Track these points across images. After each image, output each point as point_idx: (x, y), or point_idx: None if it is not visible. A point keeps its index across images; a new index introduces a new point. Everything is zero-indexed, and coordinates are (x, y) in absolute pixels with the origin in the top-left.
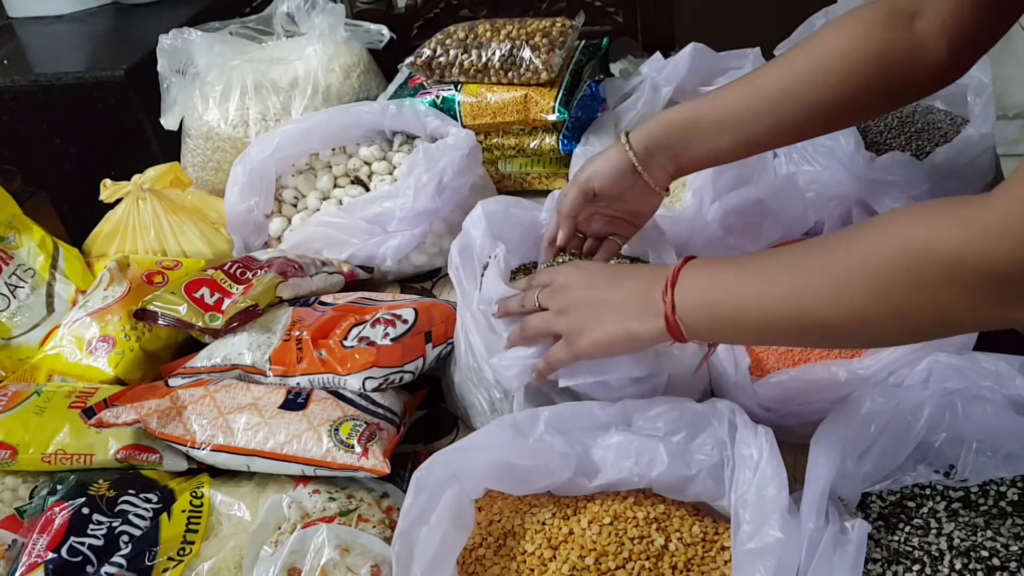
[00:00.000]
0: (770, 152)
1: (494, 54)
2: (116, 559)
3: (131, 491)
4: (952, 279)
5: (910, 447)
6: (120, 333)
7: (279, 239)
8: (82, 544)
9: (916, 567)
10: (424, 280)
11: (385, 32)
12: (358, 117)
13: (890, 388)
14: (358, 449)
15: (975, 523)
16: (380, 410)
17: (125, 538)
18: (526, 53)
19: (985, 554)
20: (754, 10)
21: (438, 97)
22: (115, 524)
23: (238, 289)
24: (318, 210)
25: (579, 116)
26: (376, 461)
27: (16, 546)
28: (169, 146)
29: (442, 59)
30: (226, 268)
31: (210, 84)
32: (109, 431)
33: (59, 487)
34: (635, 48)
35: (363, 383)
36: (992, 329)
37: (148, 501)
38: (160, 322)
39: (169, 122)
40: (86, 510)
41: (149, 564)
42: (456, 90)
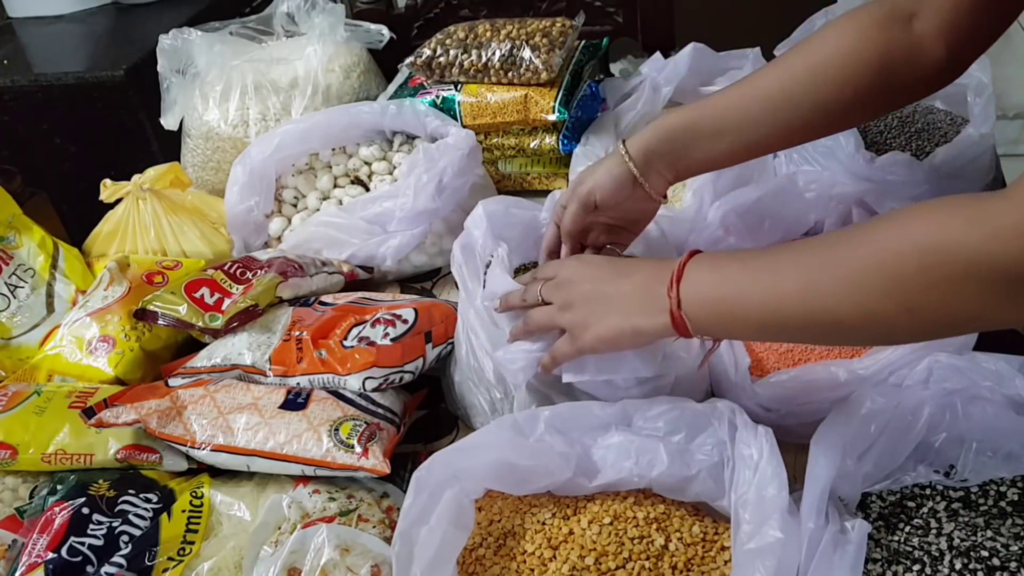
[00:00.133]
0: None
1: (494, 54)
2: (116, 559)
3: (131, 491)
4: (966, 278)
5: (910, 447)
6: (120, 333)
7: (279, 239)
8: (82, 544)
9: (916, 567)
10: (424, 280)
11: (385, 32)
12: (358, 117)
13: (890, 388)
14: (358, 449)
15: (975, 523)
16: (380, 410)
17: (125, 538)
18: (526, 53)
19: (985, 554)
20: (754, 10)
21: (438, 97)
22: (115, 524)
23: (238, 289)
24: (318, 210)
25: (579, 116)
26: (376, 461)
27: (16, 546)
28: (169, 146)
29: (442, 59)
30: (226, 268)
31: (210, 84)
32: (109, 431)
33: (59, 487)
34: (635, 48)
35: (363, 383)
36: (1002, 328)
37: (148, 501)
38: (160, 322)
39: (169, 122)
40: (86, 510)
41: (149, 564)
42: (456, 90)
